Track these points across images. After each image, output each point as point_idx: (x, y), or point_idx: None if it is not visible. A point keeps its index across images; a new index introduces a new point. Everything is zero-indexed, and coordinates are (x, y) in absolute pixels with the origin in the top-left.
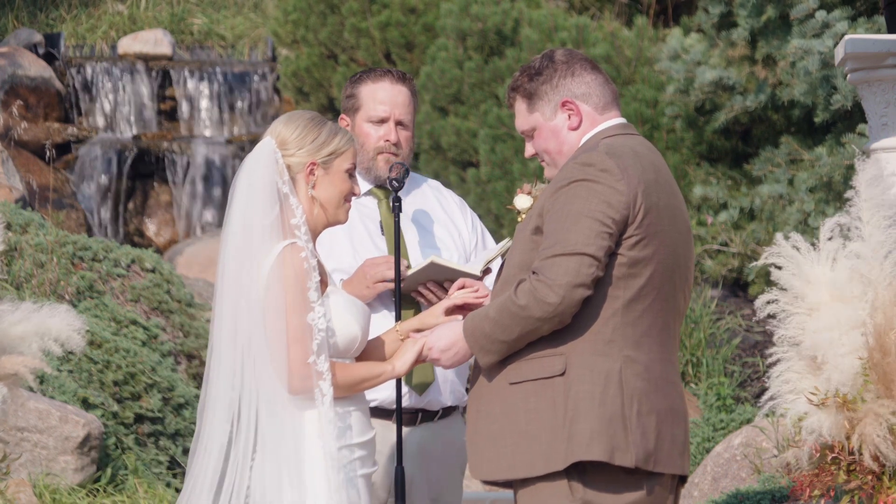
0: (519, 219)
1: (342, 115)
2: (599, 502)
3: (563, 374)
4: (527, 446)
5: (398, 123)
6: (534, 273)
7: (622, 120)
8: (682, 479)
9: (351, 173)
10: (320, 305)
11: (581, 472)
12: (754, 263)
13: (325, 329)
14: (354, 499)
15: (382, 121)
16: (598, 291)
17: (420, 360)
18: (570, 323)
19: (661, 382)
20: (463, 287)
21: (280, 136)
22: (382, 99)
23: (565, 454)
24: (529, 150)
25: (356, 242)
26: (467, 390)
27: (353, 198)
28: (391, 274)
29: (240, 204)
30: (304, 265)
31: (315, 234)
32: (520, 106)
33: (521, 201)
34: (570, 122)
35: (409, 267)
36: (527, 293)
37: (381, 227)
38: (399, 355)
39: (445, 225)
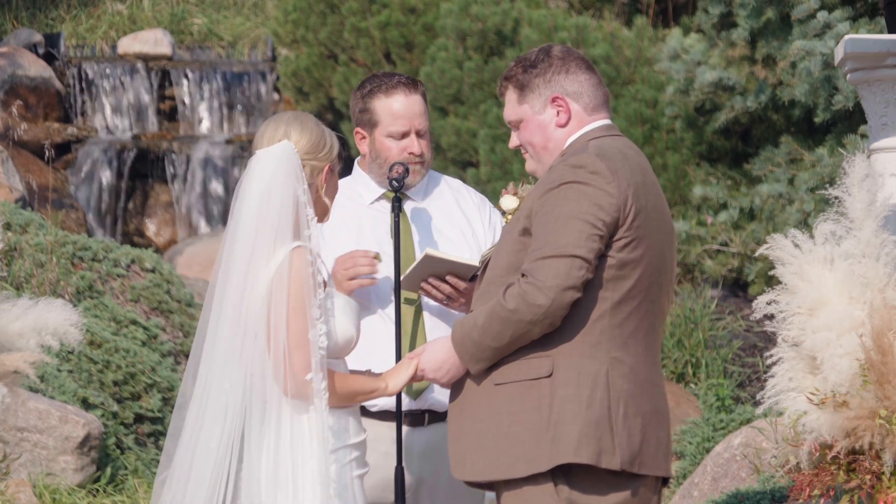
0: (505, 220)
1: (357, 129)
2: None
3: (549, 376)
4: (509, 447)
5: (417, 133)
6: (523, 276)
7: (608, 121)
8: (665, 481)
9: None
10: (322, 323)
11: (566, 473)
12: (758, 251)
13: (325, 346)
14: (350, 501)
15: (404, 135)
16: (586, 293)
17: (416, 380)
18: (559, 325)
19: (646, 384)
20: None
21: (299, 143)
22: (400, 113)
23: (549, 456)
24: (514, 140)
25: (362, 248)
26: None
27: (367, 203)
28: (364, 270)
29: (253, 206)
30: (308, 269)
31: None
32: (510, 96)
33: (508, 202)
34: (558, 118)
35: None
36: (516, 297)
37: (391, 231)
38: (393, 374)
39: (458, 224)
